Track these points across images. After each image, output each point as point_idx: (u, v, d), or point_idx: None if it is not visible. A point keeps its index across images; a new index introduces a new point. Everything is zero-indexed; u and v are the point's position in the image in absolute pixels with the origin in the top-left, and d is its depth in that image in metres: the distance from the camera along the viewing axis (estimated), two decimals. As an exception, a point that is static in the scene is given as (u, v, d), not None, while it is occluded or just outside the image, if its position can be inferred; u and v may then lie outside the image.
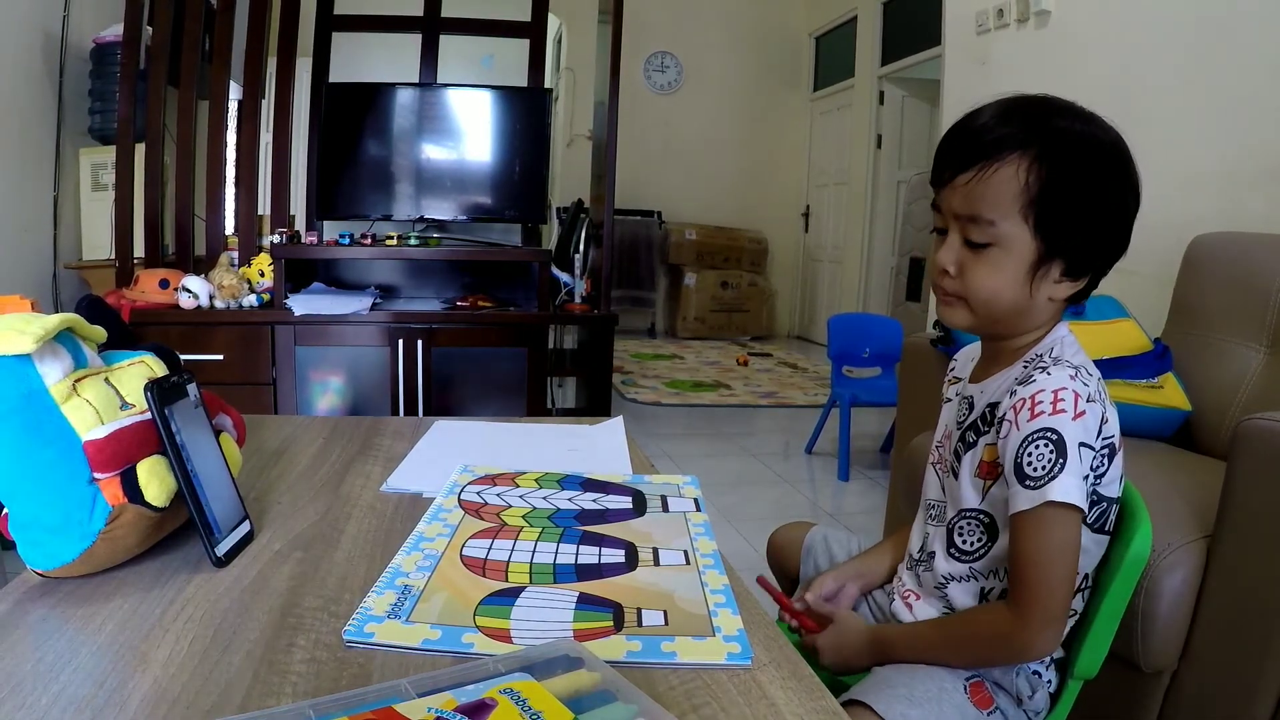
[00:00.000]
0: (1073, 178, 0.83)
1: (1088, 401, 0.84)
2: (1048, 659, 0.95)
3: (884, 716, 0.85)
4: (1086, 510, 0.85)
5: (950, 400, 1.05)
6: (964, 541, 0.95)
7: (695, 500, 0.95)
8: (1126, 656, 1.31)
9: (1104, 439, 0.86)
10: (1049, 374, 0.85)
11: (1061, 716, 0.96)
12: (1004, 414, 0.87)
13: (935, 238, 0.93)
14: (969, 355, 1.06)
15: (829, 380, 3.93)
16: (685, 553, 0.80)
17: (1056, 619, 0.86)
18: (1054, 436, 0.82)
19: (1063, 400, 0.83)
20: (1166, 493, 1.43)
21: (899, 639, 0.97)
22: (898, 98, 6.52)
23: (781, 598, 1.10)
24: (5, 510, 0.69)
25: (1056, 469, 0.81)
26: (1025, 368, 0.89)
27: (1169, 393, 1.87)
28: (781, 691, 0.58)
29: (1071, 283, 0.88)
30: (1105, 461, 0.86)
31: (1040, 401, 0.83)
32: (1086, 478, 0.83)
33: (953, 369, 1.09)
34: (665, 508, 0.92)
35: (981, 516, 0.93)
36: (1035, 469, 0.82)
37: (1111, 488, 0.89)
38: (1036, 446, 0.83)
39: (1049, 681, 0.95)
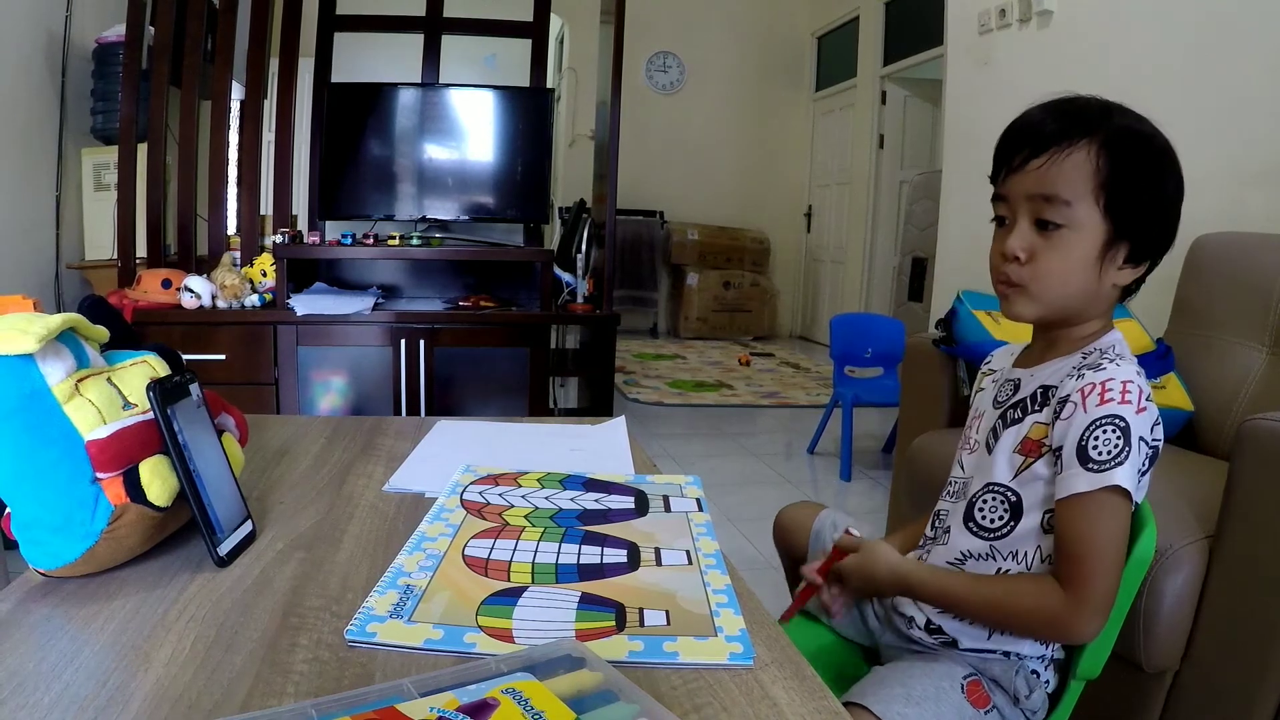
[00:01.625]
0: (1137, 163, 0.88)
1: (1148, 399, 0.86)
2: (1047, 659, 0.95)
3: (881, 717, 0.85)
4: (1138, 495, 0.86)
5: (984, 389, 1.07)
6: (984, 517, 0.95)
7: (697, 500, 0.95)
8: (1129, 657, 1.31)
9: (1154, 440, 0.87)
10: (1119, 366, 0.87)
11: (1064, 717, 0.96)
12: (1068, 394, 0.88)
13: (996, 231, 0.95)
14: (1007, 351, 1.08)
15: (831, 380, 3.92)
16: (687, 553, 0.80)
17: (1106, 605, 0.86)
18: (1122, 424, 0.84)
19: (1130, 393, 0.85)
20: (1169, 493, 1.43)
21: (925, 582, 0.97)
22: (900, 98, 6.51)
23: (805, 594, 1.09)
24: (8, 510, 0.69)
25: (1123, 456, 0.83)
26: (1086, 358, 0.91)
27: (1171, 393, 1.86)
28: (784, 691, 0.57)
29: (1133, 269, 0.91)
30: (1149, 463, 0.87)
31: (1110, 389, 0.85)
32: (1140, 471, 0.85)
33: (988, 363, 1.11)
34: (667, 508, 0.92)
35: (1008, 493, 0.94)
36: (1101, 453, 0.84)
37: (1142, 491, 0.90)
38: (1104, 431, 0.84)
39: (1046, 682, 0.95)
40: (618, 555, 0.79)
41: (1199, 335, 1.96)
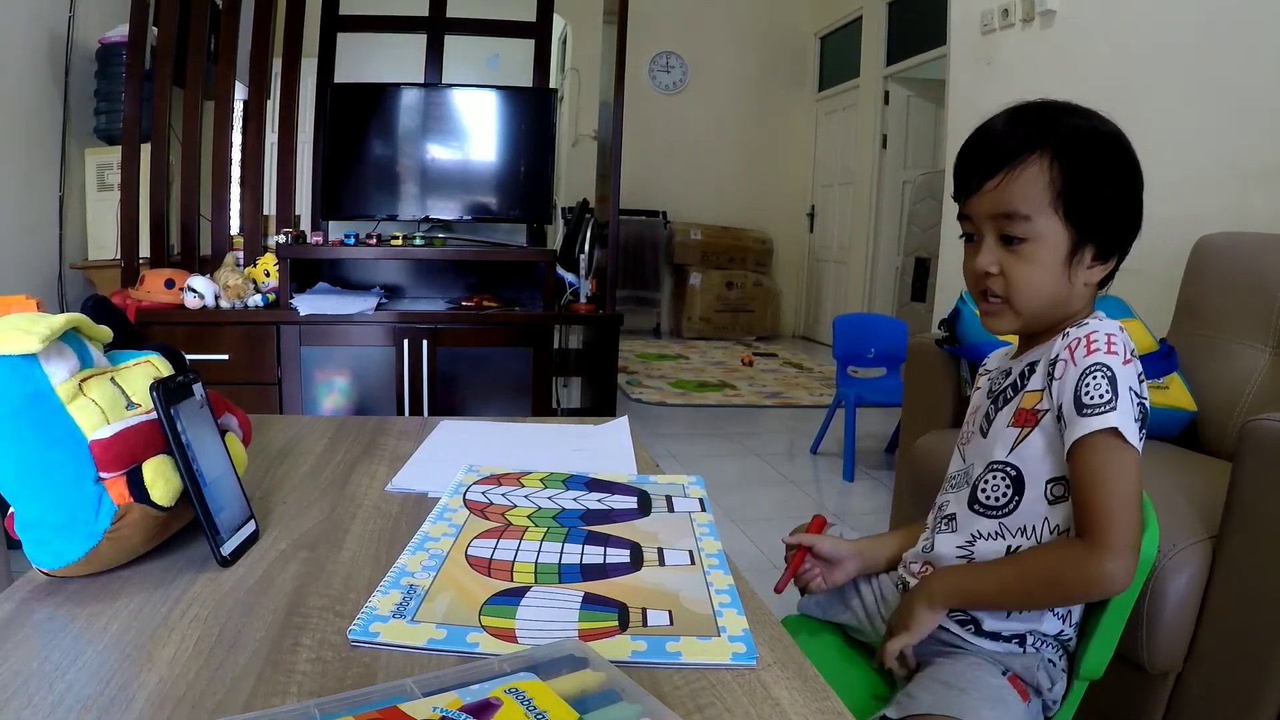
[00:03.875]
0: (1090, 166, 0.89)
1: (1132, 354, 0.87)
2: (1062, 653, 0.94)
3: None
4: (1139, 450, 0.86)
5: (980, 388, 1.08)
6: (987, 496, 0.95)
7: (700, 500, 0.95)
8: (1132, 658, 1.31)
9: (1141, 395, 0.87)
10: (1101, 321, 0.90)
11: (1067, 717, 0.96)
12: (1057, 355, 0.89)
13: (966, 247, 0.97)
14: (1003, 352, 1.09)
15: (834, 380, 3.92)
16: (690, 553, 0.80)
17: (1129, 546, 0.84)
18: (1109, 373, 0.85)
19: (1115, 344, 0.87)
20: (1172, 494, 1.43)
21: (958, 592, 0.95)
22: (903, 98, 6.51)
23: (796, 560, 1.09)
24: (11, 510, 0.69)
25: (1114, 401, 0.84)
26: (1066, 335, 0.92)
27: (1174, 393, 1.86)
28: (786, 692, 0.57)
29: (1103, 265, 0.92)
30: (1141, 423, 0.87)
31: (1095, 340, 0.87)
32: (1137, 425, 0.85)
33: (985, 364, 1.12)
34: (670, 508, 0.92)
35: (1008, 469, 0.94)
36: (1092, 398, 0.85)
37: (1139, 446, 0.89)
38: (1094, 378, 0.85)
39: (1063, 671, 0.95)
40: (620, 555, 0.79)
41: (1202, 335, 1.96)
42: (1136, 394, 0.86)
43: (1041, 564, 0.90)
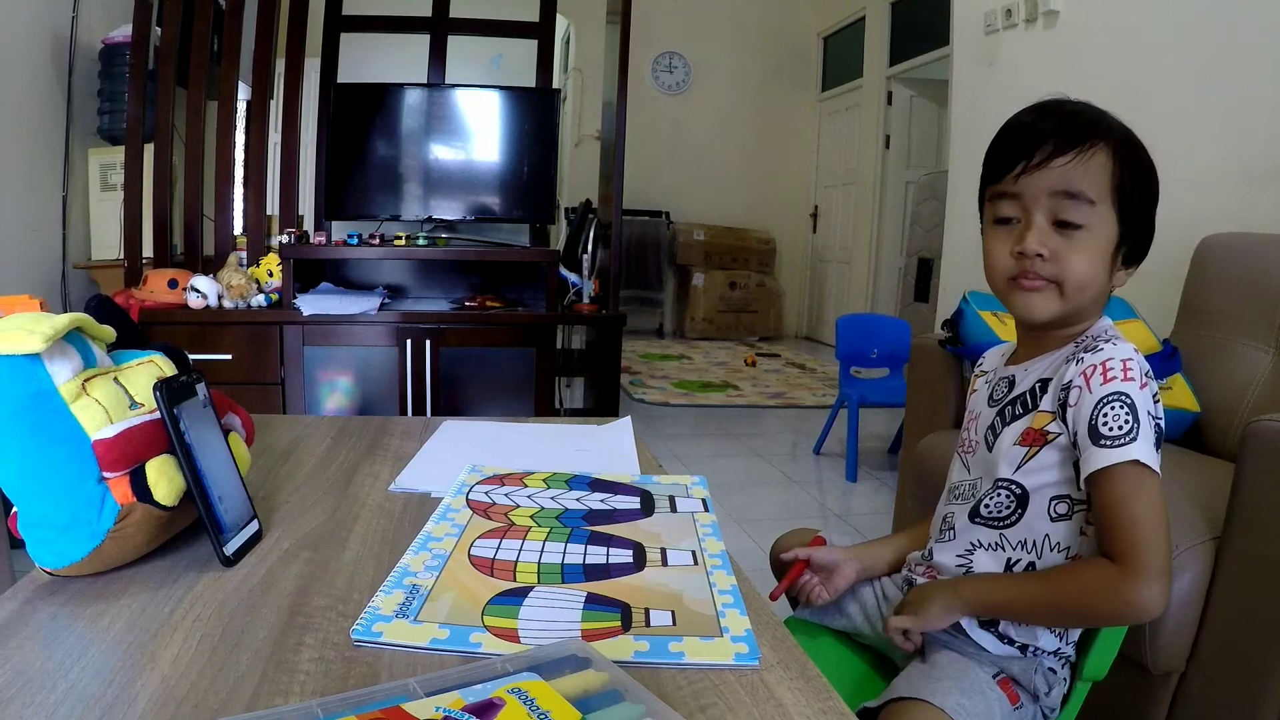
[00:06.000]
0: (1139, 167, 0.89)
1: (1147, 376, 0.86)
2: (1063, 655, 0.94)
3: (942, 708, 0.85)
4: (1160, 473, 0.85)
5: (977, 390, 1.07)
6: (990, 510, 0.95)
7: (703, 500, 0.95)
8: (1135, 658, 1.31)
9: (1157, 416, 0.87)
10: (1115, 345, 0.88)
11: (1070, 717, 0.96)
12: (1071, 380, 0.88)
13: (998, 231, 0.93)
14: (999, 351, 1.08)
15: (837, 381, 3.92)
16: (693, 553, 0.80)
17: (1162, 570, 0.83)
18: (1128, 400, 0.84)
19: (1131, 369, 0.85)
20: (1175, 494, 1.43)
21: (977, 599, 0.94)
22: (906, 98, 6.51)
23: (794, 572, 1.09)
24: (14, 509, 0.69)
25: (1135, 431, 0.83)
26: (1077, 346, 0.91)
27: (1177, 394, 1.86)
28: (789, 692, 0.57)
29: (1127, 271, 0.92)
30: (1157, 443, 0.86)
31: (1111, 368, 0.85)
32: (1155, 445, 0.84)
33: (980, 364, 1.11)
34: (673, 508, 0.92)
35: (1013, 486, 0.93)
36: (1112, 429, 0.84)
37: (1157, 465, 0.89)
38: (1112, 408, 0.84)
39: (1064, 679, 0.95)
40: (623, 555, 0.79)
41: (1205, 336, 1.95)
42: (1154, 416, 0.85)
43: (1073, 584, 0.88)
